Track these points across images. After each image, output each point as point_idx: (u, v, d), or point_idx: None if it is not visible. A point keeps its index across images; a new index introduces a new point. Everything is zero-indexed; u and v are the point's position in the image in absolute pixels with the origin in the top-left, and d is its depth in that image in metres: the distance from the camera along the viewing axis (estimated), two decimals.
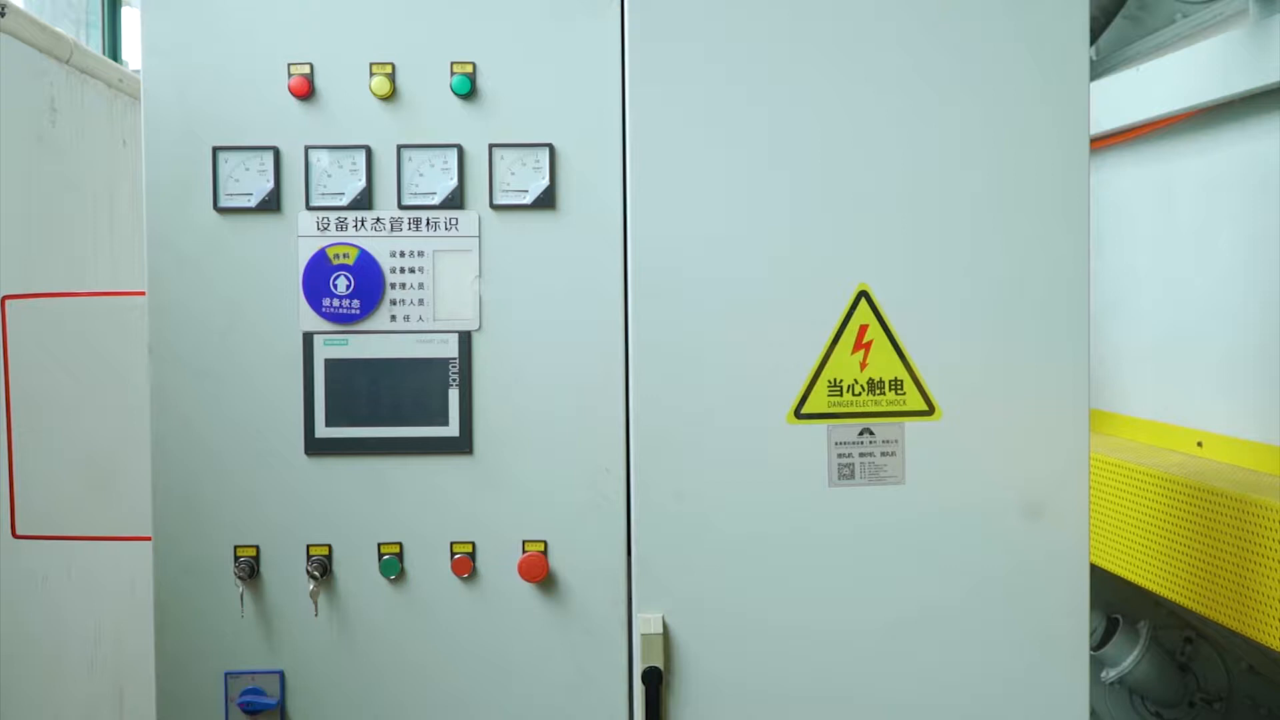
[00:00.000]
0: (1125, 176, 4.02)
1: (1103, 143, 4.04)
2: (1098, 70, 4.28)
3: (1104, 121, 3.90)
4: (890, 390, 2.28)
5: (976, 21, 2.27)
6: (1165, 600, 3.42)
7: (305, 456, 2.27)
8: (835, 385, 2.27)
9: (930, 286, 2.28)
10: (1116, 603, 4.13)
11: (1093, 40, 4.31)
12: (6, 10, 2.72)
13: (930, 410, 2.29)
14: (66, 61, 3.23)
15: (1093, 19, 4.00)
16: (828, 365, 2.27)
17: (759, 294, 2.27)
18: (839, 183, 2.27)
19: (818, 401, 2.27)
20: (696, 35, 2.25)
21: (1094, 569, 2.37)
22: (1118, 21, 4.34)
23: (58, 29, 3.20)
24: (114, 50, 5.37)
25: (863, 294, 2.27)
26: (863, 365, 2.28)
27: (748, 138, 2.26)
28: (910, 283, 2.28)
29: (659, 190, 2.25)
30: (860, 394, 2.28)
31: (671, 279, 2.25)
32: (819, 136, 2.26)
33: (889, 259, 2.28)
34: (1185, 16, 4.06)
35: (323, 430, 2.26)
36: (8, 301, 2.39)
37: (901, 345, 2.28)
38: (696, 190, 2.25)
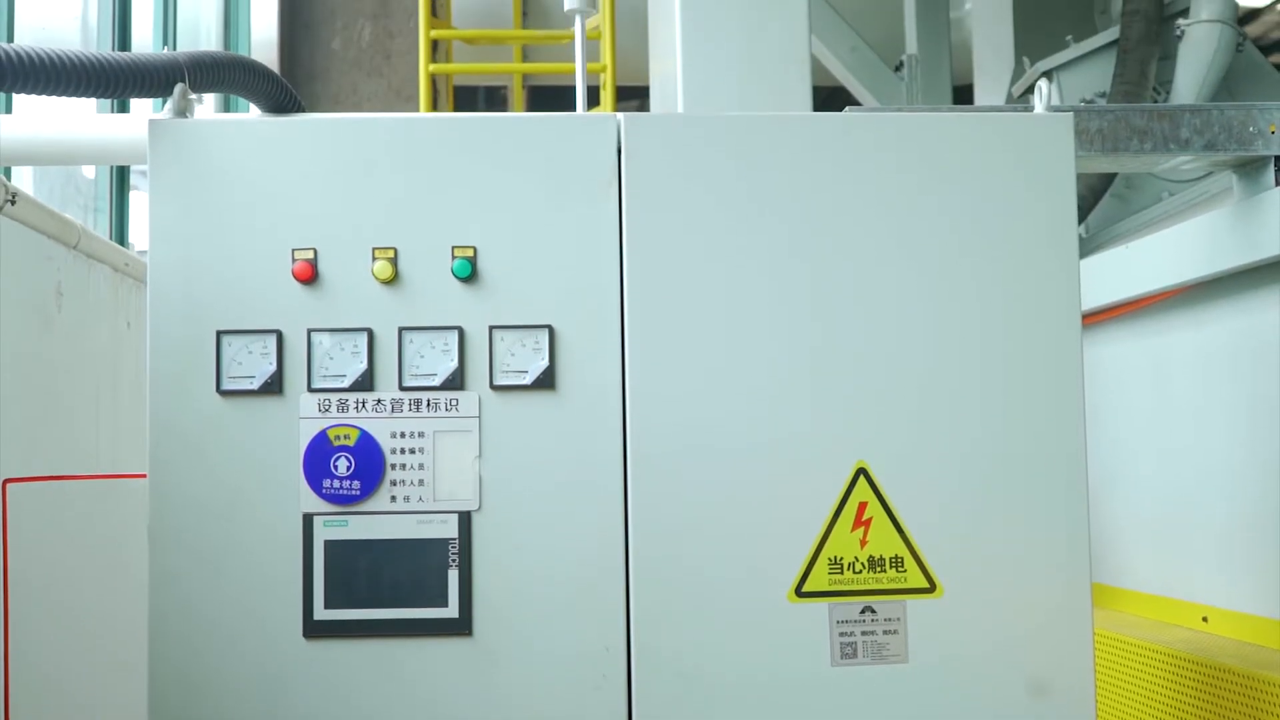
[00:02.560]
0: (1119, 351, 4.06)
1: (1095, 318, 4.09)
2: (1087, 248, 4.35)
3: (1095, 297, 3.96)
4: (891, 568, 2.28)
5: (970, 199, 2.32)
6: None
7: (304, 639, 2.25)
8: (836, 563, 2.27)
9: (929, 462, 2.29)
10: None
11: (1081, 219, 4.39)
12: (18, 199, 2.77)
13: (931, 588, 2.28)
14: (74, 247, 3.28)
15: (1081, 198, 4.08)
16: (828, 543, 2.27)
17: (758, 472, 2.27)
18: (836, 362, 2.29)
19: (818, 579, 2.26)
20: (692, 222, 2.29)
21: None
22: (1106, 200, 4.44)
23: (66, 215, 3.26)
24: (121, 233, 5.45)
25: (861, 471, 2.28)
26: (863, 543, 2.27)
27: (747, 319, 2.29)
28: (908, 459, 2.29)
29: (658, 370, 2.28)
30: (861, 572, 2.27)
31: (671, 458, 2.26)
32: (817, 318, 2.30)
33: (886, 436, 2.29)
34: (1171, 195, 4.16)
35: (321, 612, 2.24)
36: (9, 485, 2.39)
37: (901, 522, 2.28)
38: (695, 369, 2.28)
